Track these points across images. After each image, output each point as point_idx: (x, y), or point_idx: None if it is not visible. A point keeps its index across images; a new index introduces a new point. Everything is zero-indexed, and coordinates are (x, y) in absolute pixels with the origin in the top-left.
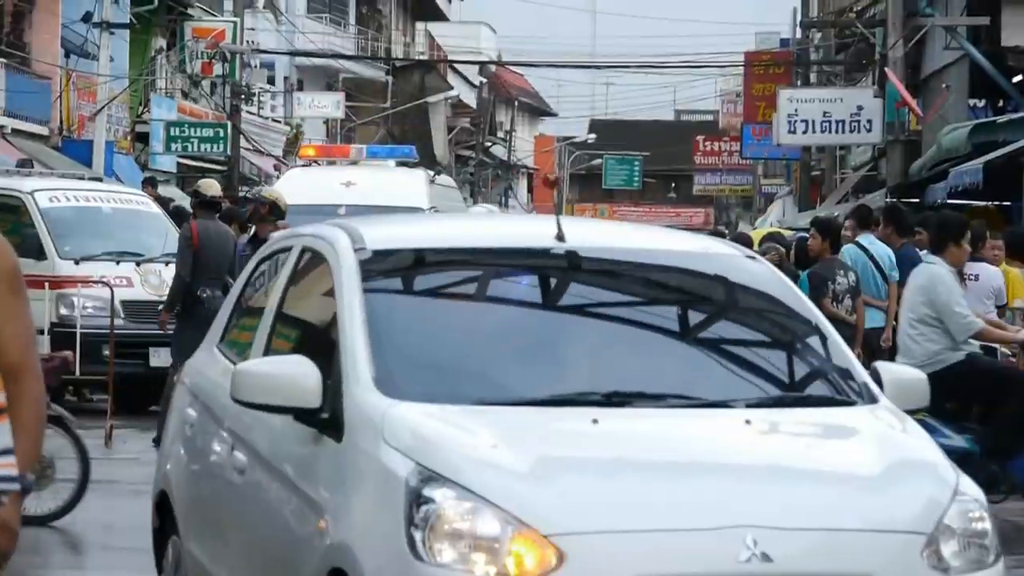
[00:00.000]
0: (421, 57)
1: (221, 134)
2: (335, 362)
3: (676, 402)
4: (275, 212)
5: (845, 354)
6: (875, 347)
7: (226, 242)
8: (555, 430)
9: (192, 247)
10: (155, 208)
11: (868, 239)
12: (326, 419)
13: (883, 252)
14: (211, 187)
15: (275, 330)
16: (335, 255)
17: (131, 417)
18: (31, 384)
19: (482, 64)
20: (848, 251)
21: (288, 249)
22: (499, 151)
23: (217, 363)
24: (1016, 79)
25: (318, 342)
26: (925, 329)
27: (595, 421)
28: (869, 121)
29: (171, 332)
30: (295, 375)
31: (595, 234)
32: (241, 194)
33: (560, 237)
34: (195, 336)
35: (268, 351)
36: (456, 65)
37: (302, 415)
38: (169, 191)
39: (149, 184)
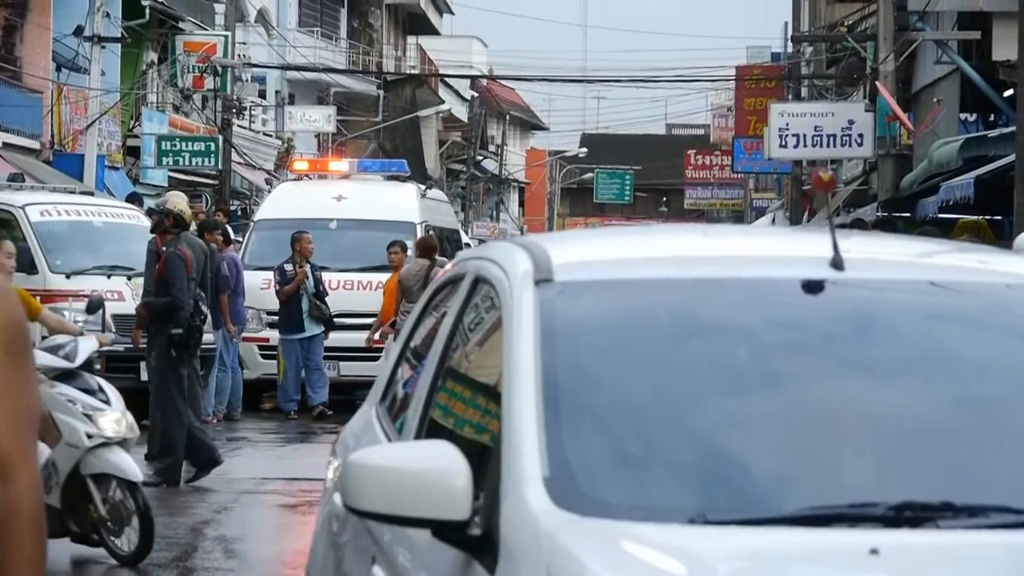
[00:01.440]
0: (412, 71)
1: (212, 148)
2: (494, 451)
3: (1005, 519)
4: (179, 224)
5: None
6: None
7: (200, 258)
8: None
9: (187, 272)
10: (146, 222)
11: None
12: (477, 538)
13: None
14: (177, 205)
15: (432, 397)
16: (507, 287)
17: None
18: (23, 486)
19: (473, 78)
20: None
21: (460, 278)
22: (490, 165)
23: (373, 434)
24: (1007, 93)
25: (478, 418)
26: None
27: (874, 552)
28: (860, 135)
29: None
30: (429, 472)
31: (886, 257)
32: (146, 207)
33: (837, 264)
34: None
35: (423, 428)
36: (447, 79)
37: (442, 530)
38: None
39: (135, 201)
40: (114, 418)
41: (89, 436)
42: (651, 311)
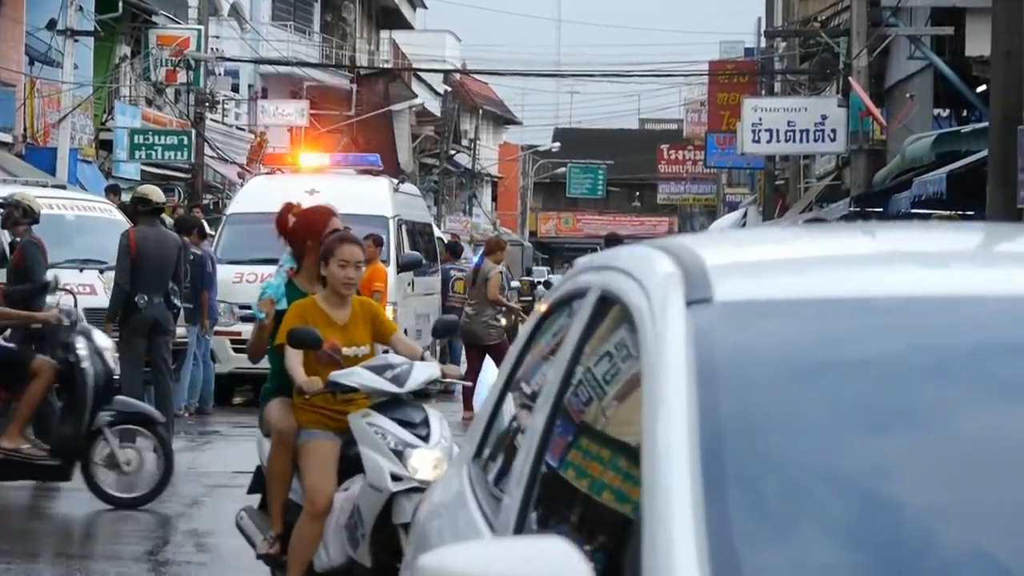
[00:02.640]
0: (385, 65)
1: (185, 142)
2: (631, 544)
3: None
4: (28, 215)
5: None
6: None
7: (169, 249)
8: None
9: (130, 255)
10: (118, 216)
11: None
12: None
13: None
14: (153, 193)
15: (542, 457)
16: (646, 309)
17: None
18: None
19: (447, 72)
20: None
21: (580, 295)
22: (463, 159)
23: (466, 513)
24: (980, 89)
25: (607, 492)
26: None
27: None
28: (833, 130)
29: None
30: None
31: None
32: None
33: None
34: (132, 344)
35: (530, 503)
36: (420, 73)
37: None
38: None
39: (112, 192)
40: (431, 457)
41: (395, 478)
42: (853, 342)
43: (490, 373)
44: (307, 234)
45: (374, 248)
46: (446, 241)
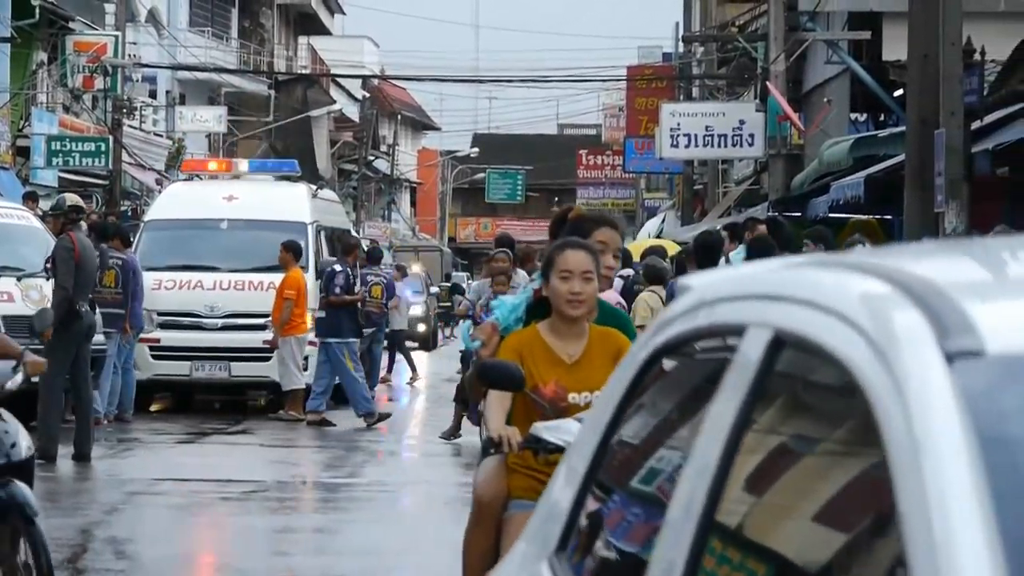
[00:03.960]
0: (304, 71)
1: (103, 148)
2: None
3: None
4: None
5: None
6: None
7: (94, 257)
8: None
9: (74, 259)
10: (36, 222)
11: (736, 254)
12: None
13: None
14: (74, 199)
15: (697, 566)
16: (878, 364)
17: None
18: None
19: (365, 78)
20: (734, 261)
21: (726, 333)
22: (382, 165)
23: None
24: (897, 93)
25: None
26: None
27: None
28: (751, 135)
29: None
30: None
31: None
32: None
33: None
34: (68, 350)
35: None
36: (339, 79)
37: None
38: (49, 206)
39: (31, 199)
40: None
41: None
42: None
43: None
44: None
45: (287, 254)
46: (365, 247)
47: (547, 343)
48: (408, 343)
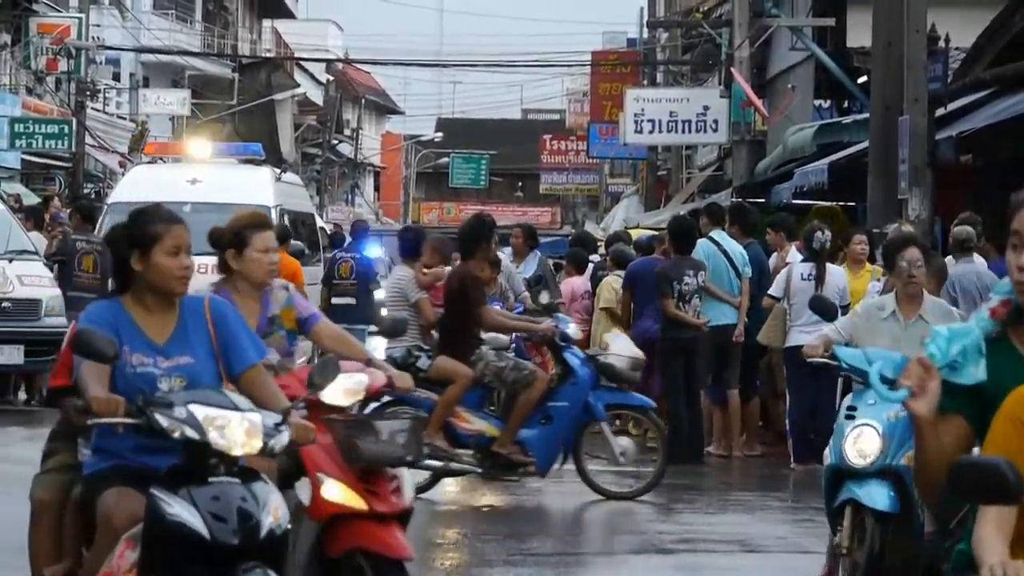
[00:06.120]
0: (268, 55)
1: (66, 131)
2: None
3: None
4: None
5: None
6: (726, 344)
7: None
8: None
9: None
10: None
11: (721, 235)
12: None
13: (736, 249)
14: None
15: None
16: None
17: None
18: None
19: (329, 62)
20: (702, 246)
21: None
22: (346, 149)
23: None
24: (861, 80)
25: None
26: None
27: None
28: (715, 121)
29: None
30: None
31: None
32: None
33: None
34: None
35: None
36: (303, 63)
37: None
38: (14, 188)
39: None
40: None
41: None
42: None
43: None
44: None
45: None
46: (329, 231)
47: None
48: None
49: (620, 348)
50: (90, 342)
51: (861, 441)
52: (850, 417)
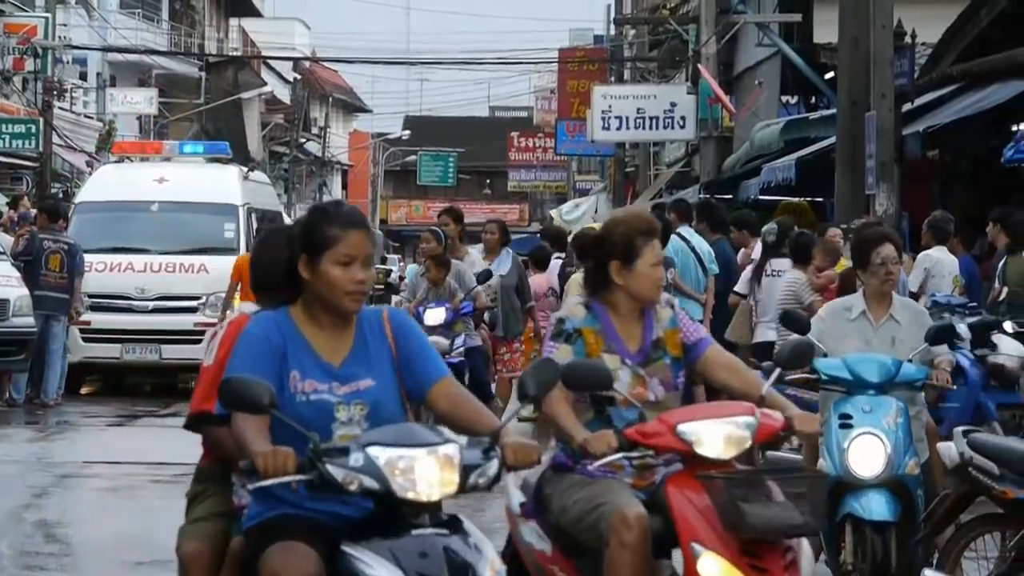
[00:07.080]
0: (235, 53)
1: (33, 130)
2: None
3: None
4: None
5: None
6: None
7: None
8: None
9: None
10: None
11: (689, 232)
12: None
13: (703, 245)
14: None
15: None
16: None
17: None
18: None
19: (296, 60)
20: (671, 243)
21: None
22: (313, 147)
23: None
24: (828, 76)
25: None
26: None
27: None
28: (683, 118)
29: None
30: None
31: None
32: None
33: None
34: None
35: None
36: (270, 61)
37: None
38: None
39: None
40: None
41: None
42: None
43: None
44: None
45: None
46: None
47: None
48: None
49: None
50: (238, 395)
51: (865, 451)
52: (846, 426)
